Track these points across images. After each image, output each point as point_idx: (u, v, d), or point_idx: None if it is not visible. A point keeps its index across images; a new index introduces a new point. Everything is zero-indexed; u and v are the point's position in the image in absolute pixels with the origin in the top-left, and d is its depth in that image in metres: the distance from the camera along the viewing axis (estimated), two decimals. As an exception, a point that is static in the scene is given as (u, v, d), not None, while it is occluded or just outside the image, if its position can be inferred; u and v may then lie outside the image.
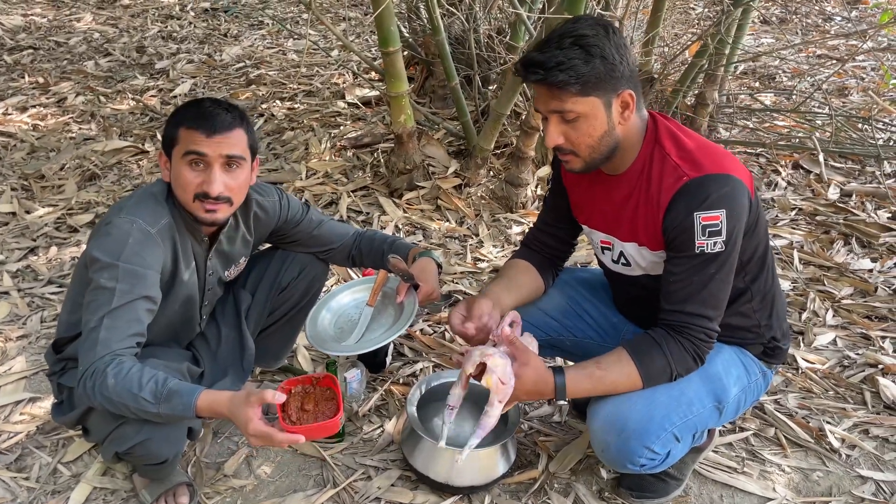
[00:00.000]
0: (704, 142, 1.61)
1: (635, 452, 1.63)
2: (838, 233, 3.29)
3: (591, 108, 1.51)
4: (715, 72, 3.77)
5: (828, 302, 2.81)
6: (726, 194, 1.51)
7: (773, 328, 1.77)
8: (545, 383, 1.59)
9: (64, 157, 3.95)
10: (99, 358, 1.52)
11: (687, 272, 1.56)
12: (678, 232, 1.54)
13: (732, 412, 1.76)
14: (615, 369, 1.61)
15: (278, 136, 4.17)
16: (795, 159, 3.94)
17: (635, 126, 1.59)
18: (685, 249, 1.55)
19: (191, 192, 1.65)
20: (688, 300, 1.57)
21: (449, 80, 3.58)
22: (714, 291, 1.57)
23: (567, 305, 1.96)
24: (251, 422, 1.45)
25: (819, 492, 1.98)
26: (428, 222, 3.31)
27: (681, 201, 1.53)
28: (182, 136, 1.64)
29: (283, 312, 2.14)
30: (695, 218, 1.51)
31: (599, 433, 1.66)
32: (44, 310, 2.70)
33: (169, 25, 6.40)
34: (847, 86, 5.08)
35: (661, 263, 1.65)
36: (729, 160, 1.57)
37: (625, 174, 1.64)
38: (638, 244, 1.67)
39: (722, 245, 1.52)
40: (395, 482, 1.96)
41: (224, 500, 1.92)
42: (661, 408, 1.62)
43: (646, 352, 1.60)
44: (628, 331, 1.92)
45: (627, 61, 1.51)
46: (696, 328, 1.58)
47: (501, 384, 1.56)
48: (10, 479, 1.95)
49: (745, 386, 1.76)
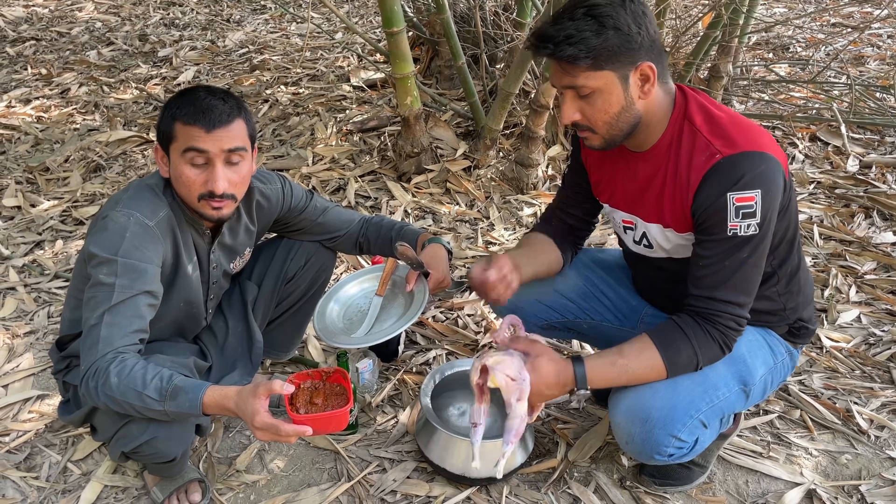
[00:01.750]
0: (738, 117, 1.52)
1: (661, 442, 1.57)
2: (859, 206, 3.20)
3: (605, 82, 1.42)
4: (729, 43, 3.66)
5: (850, 278, 2.73)
6: (762, 174, 1.42)
7: (798, 310, 1.69)
8: (565, 373, 1.53)
9: (68, 148, 3.91)
10: (101, 356, 1.47)
11: (718, 256, 1.48)
12: (710, 213, 1.46)
13: (759, 394, 1.70)
14: (639, 359, 1.54)
15: (283, 122, 4.10)
16: (812, 131, 3.84)
17: (660, 100, 1.50)
18: (717, 232, 1.46)
19: (195, 191, 1.59)
20: (718, 286, 1.49)
21: (455, 59, 3.50)
22: (746, 277, 1.49)
23: (584, 287, 1.89)
24: (258, 414, 1.39)
25: (848, 475, 1.92)
26: (437, 206, 3.25)
27: (713, 180, 1.45)
28: (180, 132, 1.57)
29: (291, 303, 2.09)
30: (728, 199, 1.43)
31: (623, 424, 1.60)
32: (51, 305, 2.66)
33: (171, 12, 6.33)
34: (863, 54, 4.95)
35: (688, 246, 1.57)
36: (765, 137, 1.48)
37: (650, 151, 1.56)
38: (663, 226, 1.59)
39: (756, 228, 1.44)
40: (411, 474, 1.92)
41: (237, 495, 1.88)
42: (685, 394, 1.56)
43: (671, 342, 1.53)
44: (647, 314, 1.86)
45: (647, 31, 1.42)
46: (726, 316, 1.50)
47: (511, 380, 1.50)
48: (19, 478, 1.92)
49: (772, 367, 1.69)
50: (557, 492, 1.87)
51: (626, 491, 1.87)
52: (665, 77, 1.49)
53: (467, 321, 2.52)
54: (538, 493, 1.86)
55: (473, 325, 2.51)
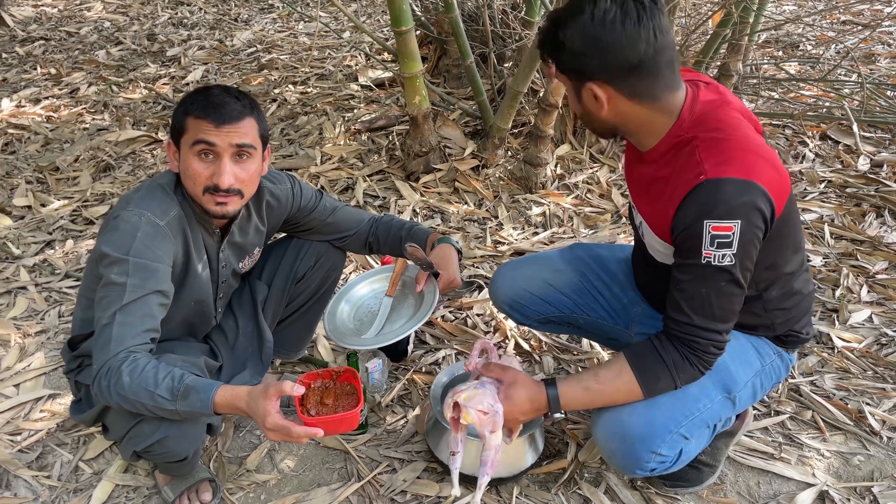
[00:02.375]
0: (748, 138, 1.41)
1: (642, 458, 1.56)
2: (870, 205, 3.18)
3: (566, 86, 1.49)
4: (739, 41, 3.64)
5: (862, 277, 2.71)
6: (743, 204, 1.34)
7: (789, 324, 1.65)
8: (538, 399, 1.55)
9: (78, 148, 3.92)
10: (113, 356, 1.47)
11: (694, 282, 1.43)
12: (685, 236, 1.40)
13: (748, 398, 1.67)
14: (614, 384, 1.52)
15: (292, 122, 4.11)
16: (823, 130, 3.82)
17: (640, 113, 1.44)
18: (692, 256, 1.40)
19: (200, 184, 1.59)
20: (696, 312, 1.44)
21: (464, 58, 3.49)
22: (723, 305, 1.44)
23: (580, 283, 1.90)
24: (269, 415, 1.40)
25: (860, 476, 1.91)
26: (446, 205, 3.24)
27: (692, 203, 1.37)
28: (190, 126, 1.58)
29: (301, 303, 2.09)
30: (704, 226, 1.35)
31: (603, 441, 1.60)
32: (62, 304, 2.67)
33: (179, 12, 6.35)
34: (874, 52, 4.91)
35: (670, 256, 1.52)
36: (761, 164, 1.37)
37: (650, 153, 1.53)
38: (653, 230, 1.55)
39: (731, 258, 1.37)
40: (421, 474, 1.92)
41: (247, 495, 1.89)
42: (663, 410, 1.54)
43: (649, 366, 1.50)
44: (638, 313, 1.85)
45: (605, 52, 1.35)
46: (706, 342, 1.46)
47: (483, 414, 1.52)
48: (31, 477, 1.93)
49: (759, 370, 1.65)
50: (568, 492, 1.87)
51: (636, 492, 1.86)
52: (651, 92, 1.41)
53: (476, 321, 2.52)
54: (548, 494, 1.86)
55: (483, 325, 2.50)
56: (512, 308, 1.97)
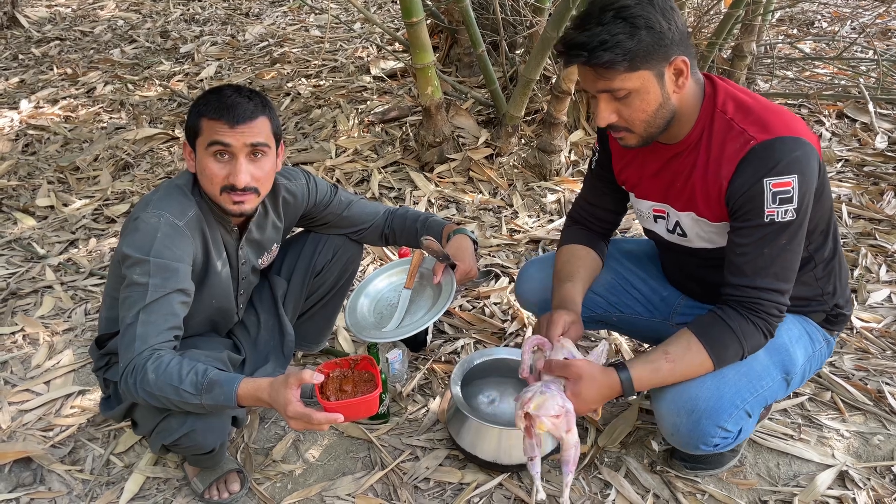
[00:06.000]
0: (769, 103, 1.50)
1: (708, 433, 1.57)
2: (888, 184, 3.15)
3: (642, 82, 1.41)
4: (752, 21, 3.61)
5: (880, 257, 2.70)
6: (798, 158, 1.40)
7: (835, 295, 1.68)
8: (609, 387, 1.52)
9: (97, 147, 3.97)
10: (138, 354, 1.51)
11: (756, 243, 1.46)
12: (745, 199, 1.44)
13: (798, 382, 1.70)
14: (685, 359, 1.52)
15: (306, 115, 4.13)
16: (839, 108, 3.78)
17: (691, 92, 1.49)
18: (753, 218, 1.45)
19: (217, 184, 1.63)
20: (758, 274, 1.47)
21: (475, 47, 3.50)
22: (786, 263, 1.47)
23: (613, 281, 1.89)
24: (290, 404, 1.43)
25: (880, 456, 1.91)
26: (461, 195, 3.26)
27: (748, 167, 1.43)
28: (205, 127, 1.61)
29: (321, 296, 2.13)
30: (764, 184, 1.41)
31: (668, 416, 1.59)
32: (87, 302, 2.73)
33: (191, 8, 6.38)
34: (890, 27, 4.84)
35: (722, 234, 1.56)
36: (798, 122, 1.46)
37: (682, 142, 1.54)
38: (696, 214, 1.57)
39: (793, 213, 1.42)
40: (443, 462, 1.95)
41: (274, 485, 1.93)
42: (731, 384, 1.56)
43: (717, 336, 1.51)
44: (680, 304, 1.85)
45: (677, 24, 1.40)
46: (768, 303, 1.49)
47: (556, 419, 1.47)
48: (64, 472, 1.98)
49: (811, 355, 1.69)
50: (588, 477, 1.89)
51: (656, 475, 1.88)
52: (695, 68, 1.48)
53: (494, 310, 2.54)
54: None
55: (500, 314, 2.52)
56: (541, 310, 1.93)
